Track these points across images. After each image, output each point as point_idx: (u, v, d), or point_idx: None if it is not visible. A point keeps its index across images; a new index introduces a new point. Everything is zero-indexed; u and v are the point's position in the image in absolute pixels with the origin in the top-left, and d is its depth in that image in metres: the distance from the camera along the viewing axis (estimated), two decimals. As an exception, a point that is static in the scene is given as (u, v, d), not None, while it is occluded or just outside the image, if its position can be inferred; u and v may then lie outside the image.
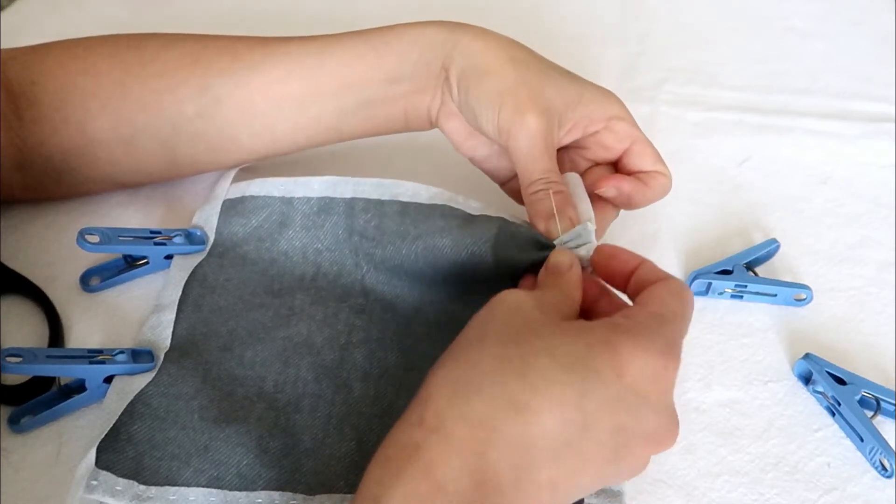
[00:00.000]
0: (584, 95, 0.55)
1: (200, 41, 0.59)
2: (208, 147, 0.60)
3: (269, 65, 0.58)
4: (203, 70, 0.58)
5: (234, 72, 0.58)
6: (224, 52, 0.58)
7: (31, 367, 0.48)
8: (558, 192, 0.52)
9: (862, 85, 0.80)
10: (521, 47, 0.57)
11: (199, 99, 0.58)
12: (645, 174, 0.56)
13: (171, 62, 0.58)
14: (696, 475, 0.49)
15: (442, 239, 0.54)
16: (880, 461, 0.49)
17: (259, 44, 0.59)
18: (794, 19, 0.90)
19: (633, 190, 0.56)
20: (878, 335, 0.57)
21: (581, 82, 0.56)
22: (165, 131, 0.59)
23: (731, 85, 0.80)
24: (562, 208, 0.52)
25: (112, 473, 0.45)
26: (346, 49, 0.58)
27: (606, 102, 0.56)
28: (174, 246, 0.58)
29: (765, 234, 0.63)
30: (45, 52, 0.59)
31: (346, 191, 0.59)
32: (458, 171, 0.62)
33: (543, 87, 0.54)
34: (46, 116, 0.57)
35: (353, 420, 0.50)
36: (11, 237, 0.61)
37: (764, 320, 0.58)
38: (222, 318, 0.55)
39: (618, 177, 0.56)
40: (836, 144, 0.73)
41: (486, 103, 0.54)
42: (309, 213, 0.59)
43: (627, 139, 0.56)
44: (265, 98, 0.58)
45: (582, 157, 0.58)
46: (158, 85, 0.58)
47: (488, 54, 0.55)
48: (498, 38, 0.56)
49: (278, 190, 0.60)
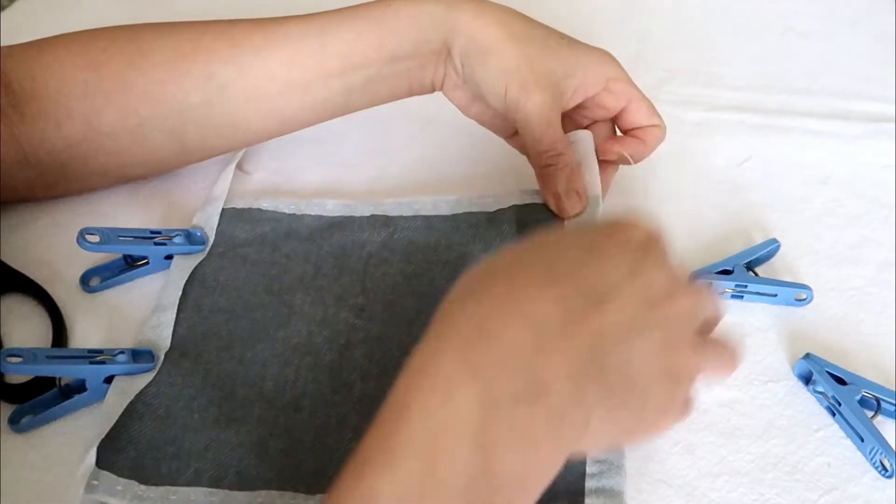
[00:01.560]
0: (581, 60, 0.59)
1: (196, 28, 0.59)
2: (217, 133, 0.61)
3: (270, 50, 0.58)
4: (205, 58, 0.58)
5: (236, 58, 0.58)
6: (222, 37, 0.59)
7: (31, 367, 0.48)
8: (565, 167, 0.57)
9: (862, 85, 0.80)
10: (518, 18, 0.58)
11: (203, 87, 0.58)
12: (641, 130, 0.62)
13: (170, 52, 0.58)
14: (696, 475, 0.49)
15: (476, 245, 0.58)
16: (880, 461, 0.49)
17: (257, 27, 0.59)
18: (794, 20, 0.90)
19: (633, 150, 0.61)
20: (878, 335, 0.57)
21: (577, 47, 0.59)
22: (172, 120, 0.59)
23: (732, 85, 0.80)
24: (570, 185, 0.57)
25: (112, 473, 0.46)
26: (347, 29, 0.59)
27: (603, 65, 0.60)
28: (174, 246, 0.58)
29: (765, 234, 0.63)
30: (42, 48, 0.59)
31: (365, 211, 0.61)
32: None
33: (545, 61, 0.57)
34: (49, 111, 0.57)
35: (353, 420, 0.50)
36: (12, 237, 0.62)
37: (764, 320, 0.58)
38: (222, 318, 0.55)
39: (618, 140, 0.62)
40: (836, 144, 0.73)
41: (492, 82, 0.58)
42: (318, 228, 0.60)
43: (624, 98, 0.60)
44: (271, 83, 0.59)
45: (583, 117, 0.63)
46: (162, 75, 0.58)
47: (488, 32, 0.57)
48: (495, 13, 0.58)
49: (288, 208, 0.62)
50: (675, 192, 0.68)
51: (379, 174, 0.70)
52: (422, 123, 0.72)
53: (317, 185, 0.65)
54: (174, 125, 0.59)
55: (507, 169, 0.67)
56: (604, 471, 0.46)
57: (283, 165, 0.69)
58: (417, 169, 0.70)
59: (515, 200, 0.60)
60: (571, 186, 0.57)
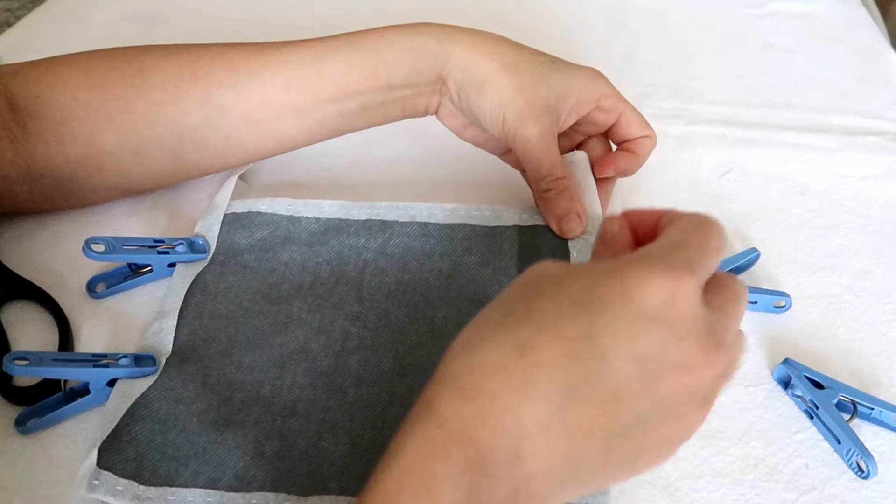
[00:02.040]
0: (572, 83, 0.60)
1: (195, 52, 0.60)
2: (215, 153, 0.61)
3: (267, 75, 0.59)
4: (203, 82, 0.59)
5: (234, 82, 0.59)
6: (220, 61, 0.59)
7: (37, 369, 0.48)
8: (564, 190, 0.58)
9: (839, 100, 0.81)
10: (510, 47, 0.59)
11: (202, 110, 0.59)
12: (633, 141, 0.63)
13: (170, 75, 0.59)
14: (679, 476, 0.50)
15: (470, 256, 0.59)
16: (857, 463, 0.50)
17: (254, 52, 0.60)
18: (774, 36, 0.91)
19: (627, 165, 0.63)
20: (854, 341, 0.58)
21: (567, 70, 0.60)
22: (172, 141, 0.60)
23: (713, 100, 0.81)
24: (570, 207, 0.58)
25: (113, 474, 0.46)
26: (342, 58, 0.59)
27: (593, 84, 0.61)
28: (177, 255, 0.58)
29: (745, 244, 0.64)
30: (45, 67, 0.60)
31: (361, 214, 0.61)
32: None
33: (538, 88, 0.58)
34: (52, 130, 0.58)
35: (347, 424, 0.50)
36: (20, 246, 0.62)
37: (744, 326, 0.55)
38: (222, 324, 0.55)
39: (612, 157, 0.63)
40: (815, 157, 0.74)
41: (489, 113, 0.59)
42: (316, 232, 0.60)
43: (615, 113, 0.62)
44: (267, 108, 0.60)
45: (578, 133, 0.65)
46: (161, 98, 0.59)
47: (482, 65, 0.58)
48: (487, 44, 0.59)
49: (286, 209, 0.62)
50: (659, 203, 0.67)
51: (379, 177, 0.71)
52: (417, 135, 0.72)
53: (316, 194, 0.65)
54: (174, 145, 0.60)
55: (504, 175, 0.67)
56: None
57: (283, 178, 0.70)
58: (415, 174, 0.71)
59: (516, 220, 0.61)
60: (572, 208, 0.59)
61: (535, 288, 0.39)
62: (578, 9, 0.96)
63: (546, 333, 0.36)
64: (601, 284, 0.37)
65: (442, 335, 0.55)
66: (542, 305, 0.37)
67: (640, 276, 0.36)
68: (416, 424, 0.36)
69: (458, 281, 0.58)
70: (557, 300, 0.37)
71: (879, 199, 0.70)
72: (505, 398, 0.35)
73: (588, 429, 0.36)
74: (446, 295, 0.57)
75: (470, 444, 0.35)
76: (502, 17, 0.93)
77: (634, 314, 0.36)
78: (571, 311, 0.36)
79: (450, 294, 0.57)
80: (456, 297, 0.57)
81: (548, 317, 0.37)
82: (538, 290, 0.38)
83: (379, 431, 0.50)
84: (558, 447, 0.36)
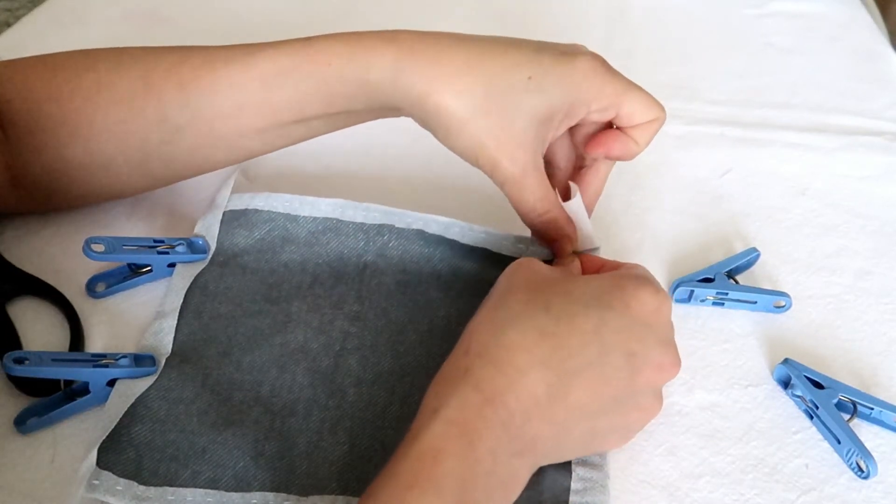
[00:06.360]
0: (554, 101, 0.53)
1: (147, 61, 0.56)
2: (184, 165, 0.59)
3: (220, 97, 0.55)
4: (156, 100, 0.56)
5: (186, 102, 0.55)
6: (170, 77, 0.55)
7: (37, 369, 0.48)
8: (552, 222, 0.56)
9: (839, 99, 0.82)
10: (478, 76, 0.52)
11: (159, 129, 0.56)
12: (634, 128, 0.56)
13: (124, 90, 0.56)
14: (678, 476, 0.50)
15: (468, 263, 0.59)
16: (857, 463, 0.50)
17: (201, 66, 0.55)
18: (774, 36, 0.92)
19: (622, 151, 0.57)
20: (854, 341, 0.58)
21: (549, 82, 0.53)
22: (137, 157, 0.58)
23: (713, 100, 0.81)
24: (557, 237, 0.57)
25: (113, 473, 0.46)
26: (292, 87, 0.54)
27: (579, 92, 0.53)
28: (177, 255, 0.58)
29: (745, 244, 0.64)
30: (14, 69, 0.57)
31: (356, 215, 0.60)
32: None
33: (513, 124, 0.52)
34: (24, 139, 0.57)
35: (346, 424, 0.50)
36: (20, 245, 0.62)
37: (744, 327, 0.58)
38: (222, 324, 0.55)
39: (603, 138, 0.56)
40: (815, 157, 0.74)
41: (460, 152, 0.54)
42: (314, 231, 0.60)
43: (613, 111, 0.55)
44: (226, 126, 0.56)
45: (578, 133, 0.59)
46: (119, 114, 0.56)
47: (443, 114, 0.52)
48: (449, 77, 0.52)
49: (283, 206, 0.61)
50: (659, 202, 0.69)
51: (379, 174, 0.71)
52: (415, 135, 0.72)
53: (315, 189, 0.65)
54: (140, 161, 0.58)
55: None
56: (588, 487, 0.47)
57: (284, 173, 0.70)
58: (415, 170, 0.71)
59: (511, 250, 0.59)
60: (564, 234, 0.56)
61: (545, 284, 0.48)
62: (578, 9, 0.97)
63: (563, 324, 0.45)
64: (606, 292, 0.46)
65: (442, 335, 0.55)
66: (559, 301, 0.46)
67: (637, 289, 0.47)
68: (456, 386, 0.43)
69: (458, 281, 0.58)
70: (570, 299, 0.46)
71: (879, 199, 0.70)
72: (530, 373, 0.43)
73: (582, 405, 0.45)
74: (446, 295, 0.57)
75: (501, 406, 0.42)
76: (502, 17, 0.93)
77: (632, 319, 0.46)
78: (585, 310, 0.45)
79: (450, 294, 0.57)
80: (456, 297, 0.57)
81: (564, 312, 0.45)
82: (550, 288, 0.47)
83: (379, 431, 0.50)
84: (558, 416, 0.44)
